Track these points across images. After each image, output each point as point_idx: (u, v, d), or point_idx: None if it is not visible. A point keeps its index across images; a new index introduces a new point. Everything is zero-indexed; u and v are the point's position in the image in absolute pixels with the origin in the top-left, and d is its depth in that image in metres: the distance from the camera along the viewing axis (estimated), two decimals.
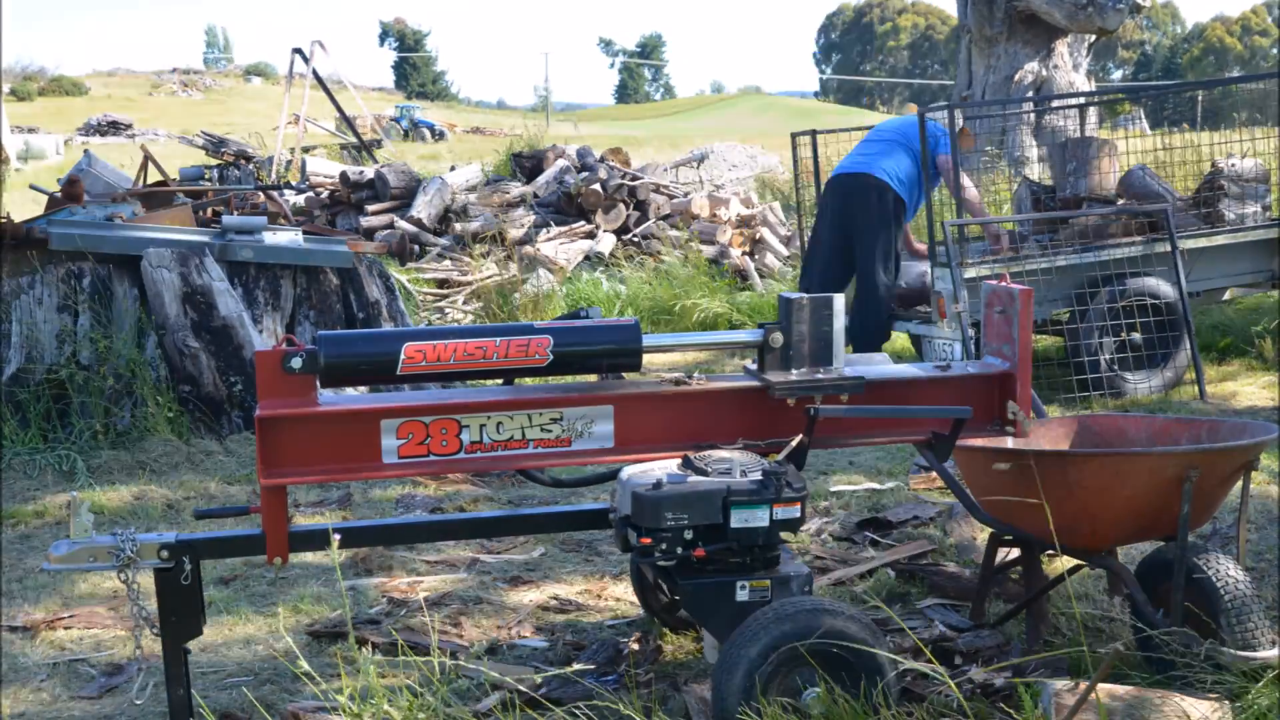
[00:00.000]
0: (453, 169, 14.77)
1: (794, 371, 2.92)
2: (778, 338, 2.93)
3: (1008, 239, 7.11)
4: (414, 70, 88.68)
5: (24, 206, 14.50)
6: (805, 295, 2.97)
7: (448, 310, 10.15)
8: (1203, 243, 7.06)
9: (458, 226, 12.26)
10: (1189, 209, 7.47)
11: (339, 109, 20.64)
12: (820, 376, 2.90)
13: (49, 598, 4.08)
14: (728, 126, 45.54)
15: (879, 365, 3.17)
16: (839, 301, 2.98)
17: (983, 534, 4.04)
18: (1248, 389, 6.89)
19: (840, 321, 2.98)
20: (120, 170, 11.66)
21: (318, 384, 2.76)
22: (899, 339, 8.31)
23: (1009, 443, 3.20)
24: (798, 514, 2.69)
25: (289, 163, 17.51)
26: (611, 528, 2.95)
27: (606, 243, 11.82)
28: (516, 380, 3.01)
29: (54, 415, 5.90)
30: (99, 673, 3.44)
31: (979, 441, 3.17)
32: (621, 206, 12.22)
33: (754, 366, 3.03)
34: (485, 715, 2.98)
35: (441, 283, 11.05)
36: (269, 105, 43.91)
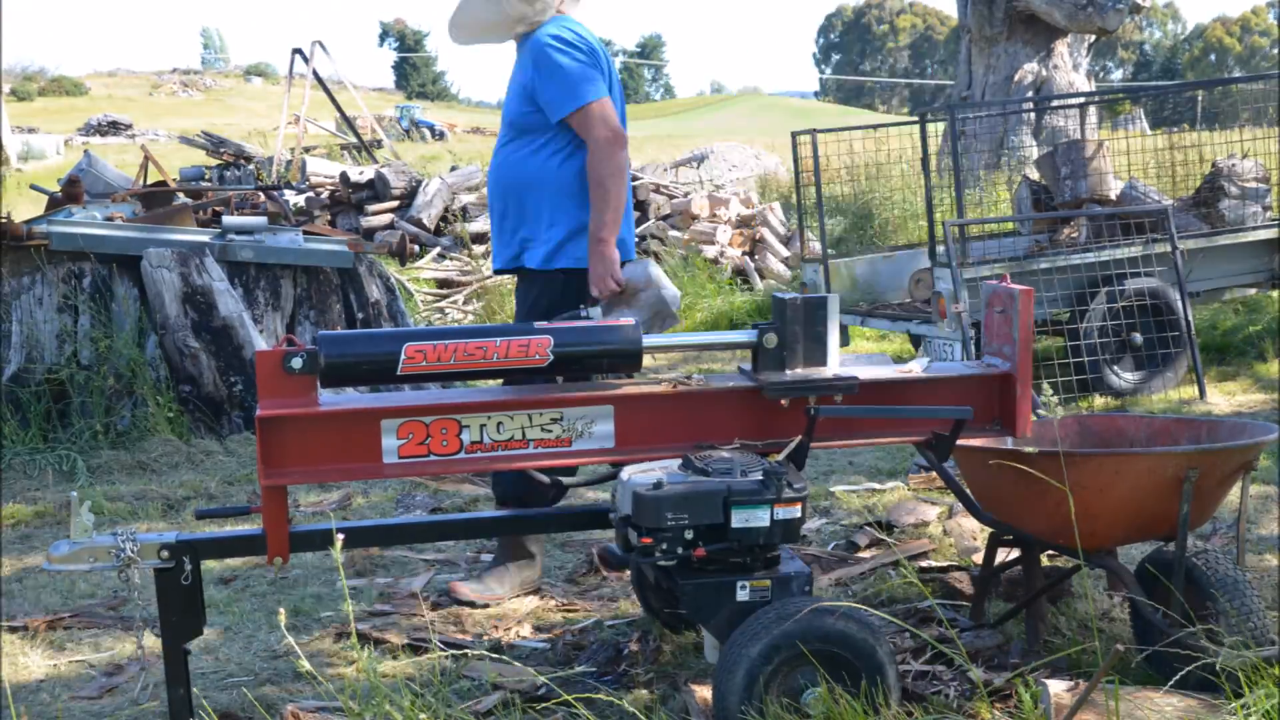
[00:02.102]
0: (453, 169, 14.77)
1: (788, 372, 2.93)
2: (772, 338, 2.93)
3: None
4: (414, 70, 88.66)
5: (24, 207, 14.50)
6: (800, 295, 2.97)
7: (448, 310, 10.15)
8: (1203, 243, 7.06)
9: (458, 227, 12.27)
10: (1189, 209, 7.47)
11: (339, 109, 20.64)
12: (814, 377, 2.91)
13: (49, 598, 4.09)
14: (728, 127, 45.54)
15: (879, 365, 3.17)
16: (834, 301, 2.98)
17: (983, 534, 4.04)
18: (1248, 389, 6.89)
19: (835, 322, 2.99)
20: (120, 170, 11.67)
21: (318, 384, 2.76)
22: (899, 339, 8.32)
23: (1009, 443, 3.20)
24: (798, 514, 2.69)
25: (289, 163, 17.50)
26: (612, 528, 2.95)
27: None
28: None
29: (54, 415, 5.91)
30: (99, 673, 3.44)
31: (979, 441, 3.17)
32: None
33: (749, 367, 3.03)
34: (485, 715, 2.98)
35: (442, 283, 11.05)
36: (269, 105, 43.92)
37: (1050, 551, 3.32)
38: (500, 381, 3.01)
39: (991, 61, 15.49)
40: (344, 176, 13.76)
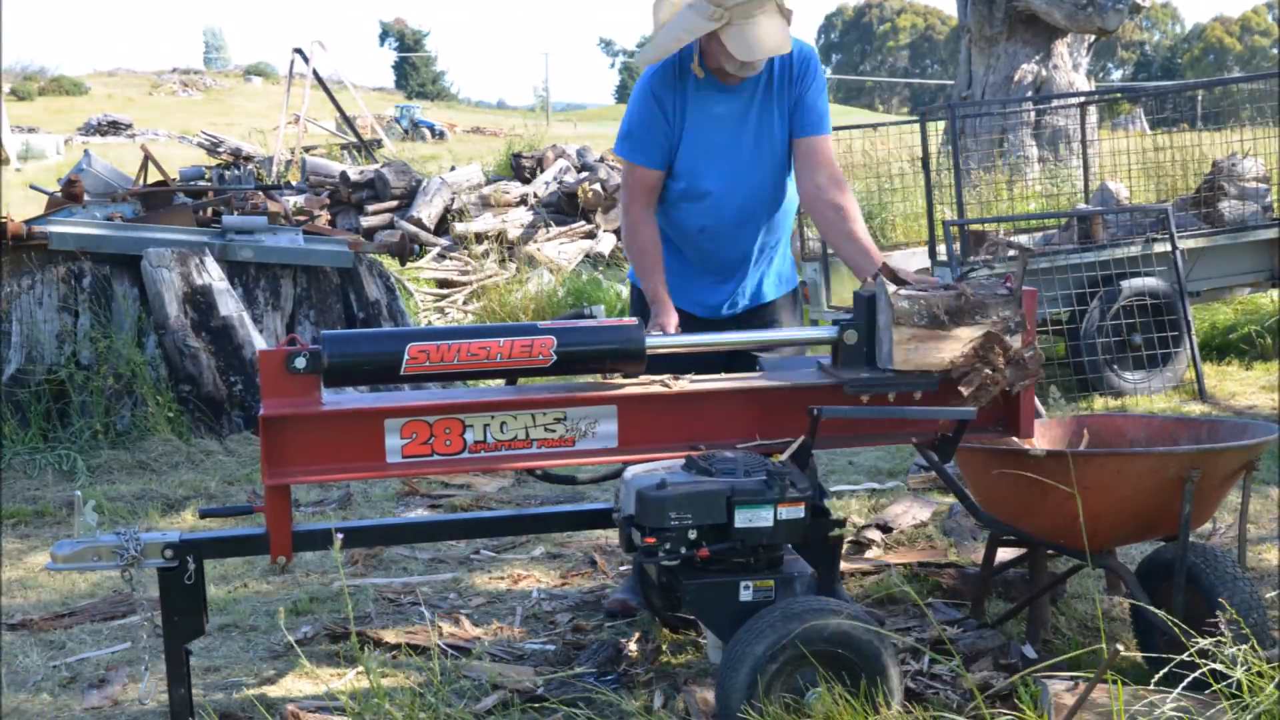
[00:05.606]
0: (453, 169, 14.76)
1: (866, 369, 2.93)
2: (852, 335, 2.94)
3: None
4: (414, 70, 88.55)
5: (24, 206, 14.49)
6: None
7: (448, 310, 10.15)
8: (1203, 243, 7.06)
9: (458, 226, 12.27)
10: (1189, 209, 7.48)
11: (339, 109, 20.63)
12: (892, 373, 2.91)
13: (49, 597, 4.09)
14: None
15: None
16: None
17: (983, 534, 4.04)
18: (1248, 389, 6.89)
19: None
20: (120, 170, 11.65)
21: (321, 384, 2.76)
22: None
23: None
24: (802, 514, 2.69)
25: (289, 162, 17.50)
26: (614, 527, 2.95)
27: (606, 243, 11.82)
28: (519, 380, 3.01)
29: (54, 415, 5.91)
30: (99, 673, 3.44)
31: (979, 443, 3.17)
32: None
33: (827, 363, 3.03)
34: (485, 715, 2.98)
35: (442, 283, 11.05)
36: (269, 105, 43.85)
37: (1049, 551, 3.32)
38: (503, 382, 3.01)
39: (991, 61, 15.49)
40: (344, 176, 13.76)
